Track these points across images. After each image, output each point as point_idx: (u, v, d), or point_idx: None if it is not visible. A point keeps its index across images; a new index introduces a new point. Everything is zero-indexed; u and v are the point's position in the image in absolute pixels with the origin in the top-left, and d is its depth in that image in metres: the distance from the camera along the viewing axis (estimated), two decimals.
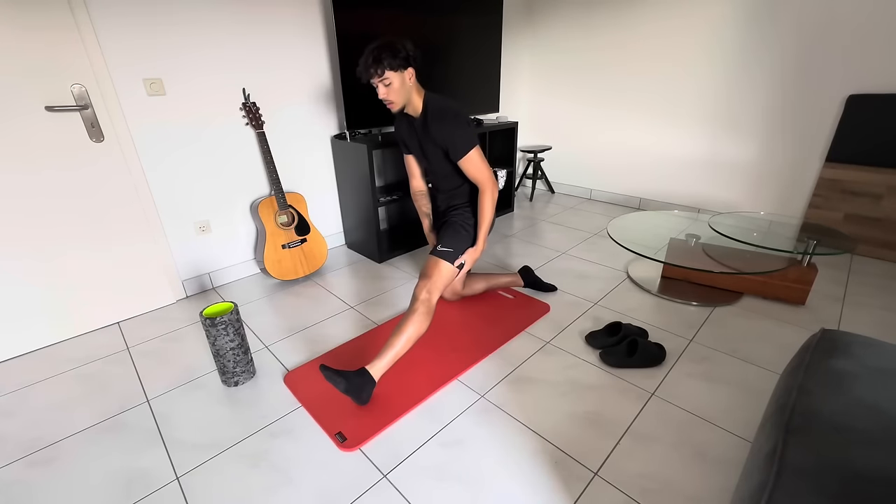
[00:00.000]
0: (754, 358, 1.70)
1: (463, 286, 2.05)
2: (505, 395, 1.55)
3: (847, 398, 0.83)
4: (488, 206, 1.72)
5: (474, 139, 1.65)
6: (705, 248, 2.28)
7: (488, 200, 1.71)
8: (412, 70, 1.57)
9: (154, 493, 1.22)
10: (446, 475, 1.25)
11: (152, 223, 2.09)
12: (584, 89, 3.59)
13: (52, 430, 1.45)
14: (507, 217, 3.44)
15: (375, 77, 1.52)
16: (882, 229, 2.47)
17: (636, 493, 1.18)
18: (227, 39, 2.11)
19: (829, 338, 1.04)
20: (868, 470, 0.67)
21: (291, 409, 1.50)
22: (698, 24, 2.86)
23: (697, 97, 3.01)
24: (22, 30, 1.60)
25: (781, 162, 2.79)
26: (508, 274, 2.22)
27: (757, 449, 0.82)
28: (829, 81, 2.49)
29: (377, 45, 1.51)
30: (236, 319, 1.57)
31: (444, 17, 2.70)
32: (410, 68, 1.56)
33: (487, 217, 1.73)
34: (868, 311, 1.99)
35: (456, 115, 1.61)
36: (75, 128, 1.79)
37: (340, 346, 1.83)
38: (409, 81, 1.58)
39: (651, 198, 3.49)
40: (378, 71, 1.51)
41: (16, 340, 1.83)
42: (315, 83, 2.51)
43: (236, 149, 2.29)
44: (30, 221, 1.76)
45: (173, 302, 2.25)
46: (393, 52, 1.50)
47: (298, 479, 1.25)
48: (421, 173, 1.96)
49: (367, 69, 1.52)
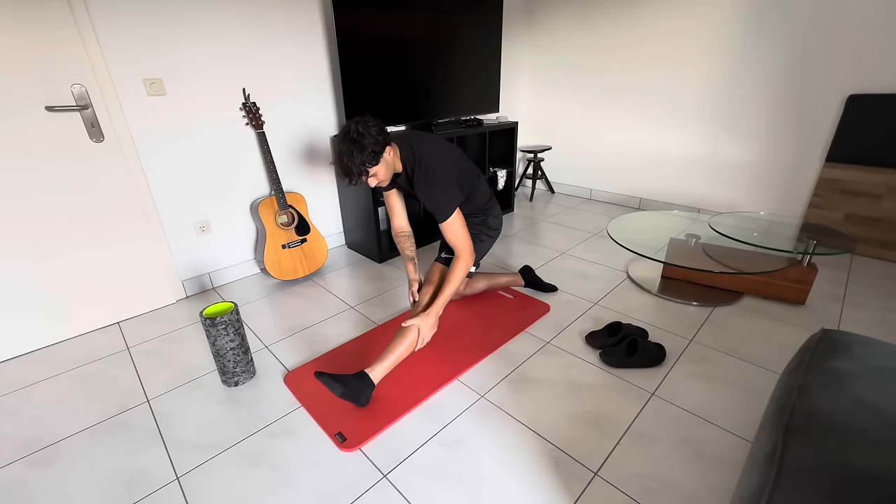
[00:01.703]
0: (754, 358, 1.70)
1: (465, 286, 2.05)
2: (505, 395, 1.55)
3: (847, 398, 0.83)
4: (458, 275, 1.60)
5: (455, 200, 1.58)
6: (705, 248, 2.28)
7: (460, 269, 1.60)
8: (390, 147, 1.48)
9: (154, 493, 1.22)
10: (446, 475, 1.25)
11: (152, 223, 2.09)
12: (584, 89, 3.59)
13: (52, 430, 1.45)
14: (507, 217, 3.44)
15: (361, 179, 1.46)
16: (882, 229, 2.47)
17: (636, 493, 1.18)
18: (227, 39, 2.11)
19: (829, 338, 1.04)
20: (868, 470, 0.67)
21: (291, 409, 1.50)
22: (699, 24, 2.86)
23: (697, 97, 3.01)
24: (22, 30, 1.60)
25: (781, 162, 2.79)
26: (509, 273, 2.22)
27: (757, 449, 0.82)
28: (829, 81, 2.49)
29: (346, 151, 1.40)
30: (236, 319, 1.57)
31: (445, 16, 2.70)
32: (388, 147, 1.47)
33: (452, 285, 1.60)
34: (868, 311, 1.99)
35: (437, 176, 1.54)
36: (75, 128, 1.79)
37: (340, 346, 1.83)
38: (389, 157, 1.49)
39: (651, 198, 3.49)
40: (361, 178, 1.45)
41: (16, 340, 1.83)
42: (315, 83, 2.51)
43: (236, 149, 2.29)
44: (30, 222, 1.76)
45: (173, 302, 2.25)
46: (362, 149, 1.39)
47: (298, 479, 1.25)
48: (403, 211, 1.81)
49: (350, 177, 1.43)
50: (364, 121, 1.43)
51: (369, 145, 1.40)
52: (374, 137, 1.41)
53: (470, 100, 3.08)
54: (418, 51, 2.63)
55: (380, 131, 1.43)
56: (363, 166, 1.41)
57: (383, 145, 1.44)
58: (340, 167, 1.43)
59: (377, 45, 2.42)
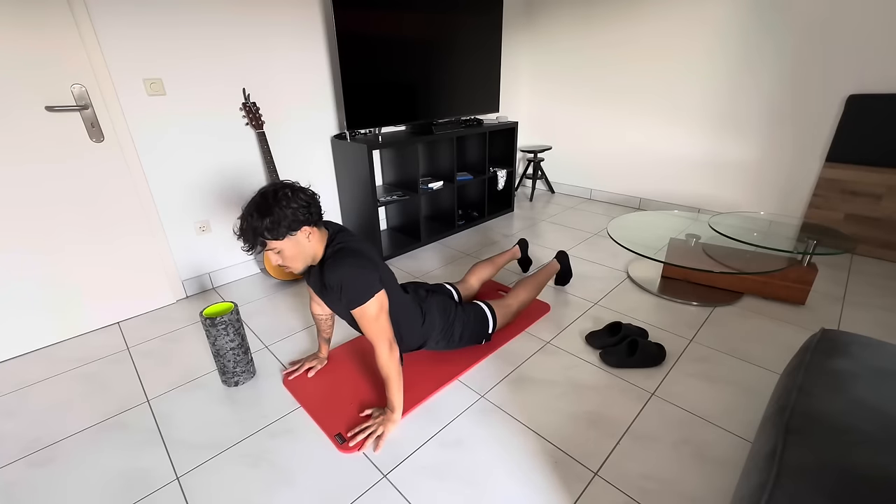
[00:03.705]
0: (754, 358, 1.70)
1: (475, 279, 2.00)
2: (505, 395, 1.55)
3: (847, 398, 0.83)
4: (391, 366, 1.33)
5: (374, 281, 1.27)
6: (705, 248, 2.28)
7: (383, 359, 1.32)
8: (307, 229, 1.23)
9: (154, 493, 1.22)
10: (446, 475, 1.25)
11: (152, 223, 2.09)
12: (584, 89, 3.58)
13: (52, 430, 1.45)
14: (507, 217, 3.44)
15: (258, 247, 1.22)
16: (882, 229, 2.47)
17: (636, 493, 1.18)
18: (227, 39, 2.11)
19: (829, 338, 1.04)
20: (868, 470, 0.67)
21: (292, 409, 1.50)
22: (699, 24, 2.86)
23: (698, 97, 3.01)
24: (22, 30, 1.60)
25: (781, 162, 2.79)
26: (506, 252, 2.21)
27: (757, 449, 0.82)
28: (829, 81, 2.49)
29: (249, 210, 1.18)
30: (236, 319, 1.57)
31: (445, 16, 2.70)
32: (307, 228, 1.22)
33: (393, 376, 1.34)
34: (868, 311, 1.99)
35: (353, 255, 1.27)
36: (75, 128, 1.79)
37: (340, 346, 1.83)
38: (306, 240, 1.24)
39: (651, 198, 3.49)
40: (256, 247, 1.21)
41: (16, 340, 1.83)
42: (315, 83, 2.51)
43: (236, 149, 2.29)
44: (30, 221, 1.76)
45: (173, 302, 2.25)
46: (266, 214, 1.16)
47: (298, 479, 1.25)
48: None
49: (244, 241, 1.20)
50: (294, 188, 1.21)
51: (280, 215, 1.16)
52: (293, 211, 1.18)
53: (470, 99, 3.08)
54: (418, 50, 2.63)
55: (305, 207, 1.20)
56: (260, 236, 1.18)
57: (300, 223, 1.20)
58: (239, 225, 1.21)
59: (377, 44, 2.42)
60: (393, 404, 1.38)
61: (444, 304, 1.64)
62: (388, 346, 1.32)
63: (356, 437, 1.35)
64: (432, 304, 1.60)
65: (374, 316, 1.28)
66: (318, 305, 1.60)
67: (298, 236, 1.22)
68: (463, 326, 1.65)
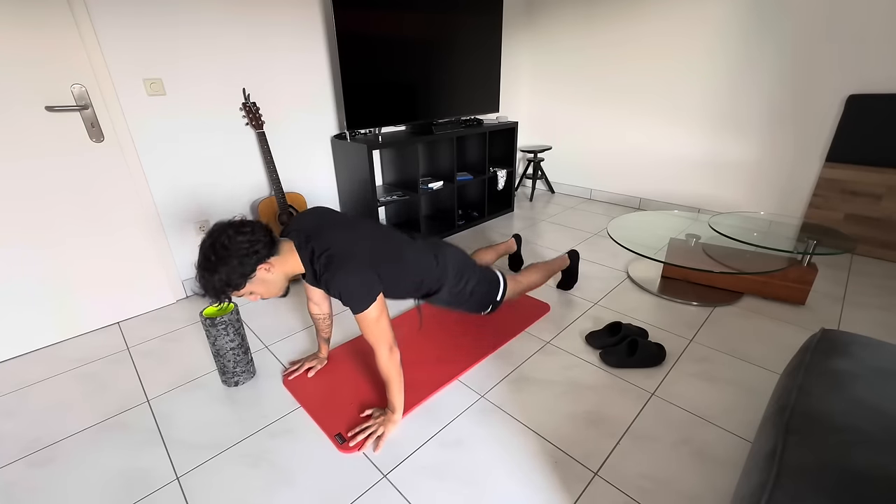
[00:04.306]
0: (754, 358, 1.70)
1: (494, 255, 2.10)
2: (505, 395, 1.55)
3: (847, 398, 0.83)
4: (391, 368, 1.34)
5: (372, 286, 1.26)
6: (705, 248, 2.28)
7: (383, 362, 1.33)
8: (264, 266, 1.19)
9: (154, 493, 1.22)
10: (446, 475, 1.25)
11: (152, 223, 2.09)
12: (584, 88, 3.58)
13: (52, 430, 1.45)
14: (507, 217, 3.44)
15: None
16: (882, 229, 2.47)
17: (636, 493, 1.18)
18: (227, 39, 2.11)
19: (829, 338, 1.04)
20: (868, 470, 0.67)
21: (292, 409, 1.50)
22: (699, 24, 2.86)
23: (698, 97, 3.01)
24: (22, 30, 1.60)
25: (781, 162, 2.79)
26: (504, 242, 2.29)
27: (757, 449, 0.82)
28: (829, 81, 2.49)
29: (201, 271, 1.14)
30: (236, 319, 1.57)
31: (445, 16, 2.70)
32: (261, 266, 1.18)
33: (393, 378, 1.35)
34: (868, 311, 1.99)
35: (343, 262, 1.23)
36: (75, 128, 1.79)
37: (340, 346, 1.83)
38: (269, 274, 1.21)
39: (651, 198, 3.49)
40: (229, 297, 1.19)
41: (16, 340, 1.83)
42: (315, 83, 2.51)
43: (236, 149, 2.29)
44: (30, 222, 1.76)
45: (173, 302, 2.25)
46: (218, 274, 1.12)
47: (298, 479, 1.25)
48: (324, 299, 1.59)
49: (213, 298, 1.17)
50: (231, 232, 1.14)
51: (228, 271, 1.13)
52: (238, 259, 1.13)
53: (470, 99, 3.08)
54: (418, 50, 2.63)
55: (248, 247, 1.15)
56: (223, 293, 1.16)
57: (253, 265, 1.16)
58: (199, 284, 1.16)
59: (377, 44, 2.42)
60: (394, 405, 1.39)
61: (458, 253, 1.69)
62: (388, 349, 1.32)
63: (356, 438, 1.35)
64: (446, 251, 1.64)
65: (375, 319, 1.28)
66: (315, 305, 1.60)
67: (258, 275, 1.19)
68: (476, 281, 1.68)
